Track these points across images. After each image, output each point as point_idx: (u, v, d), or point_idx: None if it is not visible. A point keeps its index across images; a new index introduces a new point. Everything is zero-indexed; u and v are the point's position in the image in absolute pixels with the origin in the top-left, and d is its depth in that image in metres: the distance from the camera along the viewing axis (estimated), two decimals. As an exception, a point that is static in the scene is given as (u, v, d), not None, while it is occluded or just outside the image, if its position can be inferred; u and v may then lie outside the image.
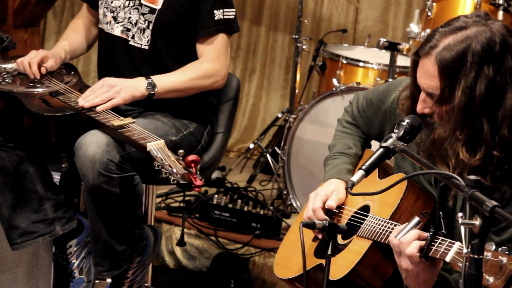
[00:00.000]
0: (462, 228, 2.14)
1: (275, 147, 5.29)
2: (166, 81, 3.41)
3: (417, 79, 2.54)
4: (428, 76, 2.47)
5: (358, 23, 6.16)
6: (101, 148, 3.15)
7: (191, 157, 2.90)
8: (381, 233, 2.61)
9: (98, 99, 3.25)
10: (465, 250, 2.13)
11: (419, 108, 2.54)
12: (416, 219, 2.49)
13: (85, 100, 3.25)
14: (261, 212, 4.57)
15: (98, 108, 3.22)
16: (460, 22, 2.48)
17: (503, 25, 2.49)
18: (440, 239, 2.41)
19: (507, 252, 2.13)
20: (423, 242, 2.44)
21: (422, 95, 2.52)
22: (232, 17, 3.51)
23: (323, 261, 2.68)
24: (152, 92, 3.36)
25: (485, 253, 2.13)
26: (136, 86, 3.35)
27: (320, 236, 2.83)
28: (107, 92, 3.28)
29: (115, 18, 3.55)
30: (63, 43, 3.67)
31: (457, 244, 2.33)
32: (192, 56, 3.52)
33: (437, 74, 2.45)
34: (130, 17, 3.51)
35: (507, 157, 2.49)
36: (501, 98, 2.45)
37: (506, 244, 2.42)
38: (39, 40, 5.07)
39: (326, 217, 2.81)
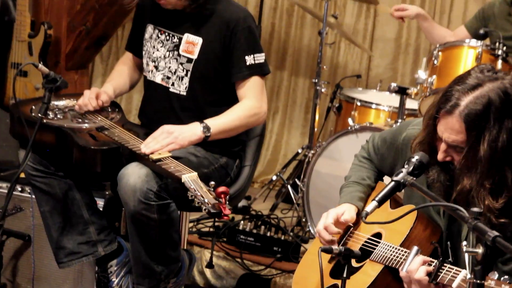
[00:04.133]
0: (466, 255, 2.13)
1: (296, 179, 5.28)
2: (218, 123, 3.39)
3: (437, 132, 2.51)
4: (453, 131, 2.44)
5: (370, 70, 6.17)
6: (141, 179, 3.15)
7: (221, 189, 2.91)
8: (392, 258, 2.60)
9: (158, 145, 3.23)
10: (468, 276, 2.12)
11: (441, 157, 2.51)
12: (415, 248, 2.49)
13: (147, 147, 3.22)
14: (282, 237, 4.54)
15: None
16: (474, 79, 2.45)
17: None
18: (447, 267, 2.40)
19: (508, 281, 2.11)
20: (430, 268, 2.42)
21: (444, 146, 2.49)
22: (262, 61, 3.51)
23: (338, 281, 2.68)
24: (208, 134, 3.35)
25: (489, 281, 2.12)
26: (193, 131, 3.33)
27: (336, 259, 2.82)
28: (166, 138, 3.26)
29: (156, 67, 3.57)
30: (110, 83, 3.69)
31: (463, 272, 2.32)
32: (225, 99, 3.52)
33: (463, 130, 2.42)
34: (170, 66, 3.53)
35: None
36: None
37: None
38: (88, 80, 5.11)
39: (338, 229, 2.82)
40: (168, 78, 3.54)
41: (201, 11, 3.46)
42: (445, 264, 2.41)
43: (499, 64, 4.29)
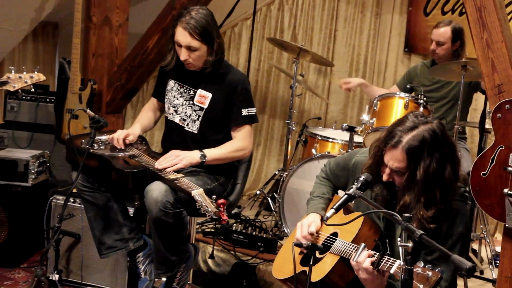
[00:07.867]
0: (400, 248, 2.13)
1: (274, 193, 5.26)
2: (213, 153, 3.40)
3: (384, 161, 2.51)
4: (396, 160, 2.45)
5: (328, 113, 6.18)
6: (161, 193, 3.14)
7: (221, 201, 2.91)
8: (346, 251, 2.58)
9: (168, 164, 3.25)
10: (401, 263, 2.12)
11: (385, 179, 2.52)
12: (363, 244, 2.49)
13: (159, 164, 3.25)
14: (264, 236, 4.52)
15: (168, 170, 3.23)
16: (411, 122, 2.47)
17: (438, 122, 2.49)
18: (386, 258, 2.39)
19: (431, 268, 2.11)
20: (373, 259, 2.41)
21: (388, 171, 2.50)
22: (254, 113, 3.52)
23: (306, 268, 2.65)
24: (204, 160, 3.36)
25: (417, 268, 2.12)
26: (193, 156, 3.34)
27: (304, 252, 2.81)
28: (174, 159, 3.28)
29: (176, 111, 3.56)
30: (139, 123, 3.68)
31: (398, 261, 2.31)
32: (225, 138, 3.52)
33: (405, 160, 2.43)
34: (186, 112, 3.53)
35: (447, 208, 2.48)
36: (443, 171, 2.44)
37: (435, 261, 2.41)
38: (122, 122, 5.08)
39: (312, 239, 2.79)
40: (184, 120, 3.53)
41: (213, 73, 3.47)
42: (384, 256, 2.41)
43: (421, 110, 4.31)
